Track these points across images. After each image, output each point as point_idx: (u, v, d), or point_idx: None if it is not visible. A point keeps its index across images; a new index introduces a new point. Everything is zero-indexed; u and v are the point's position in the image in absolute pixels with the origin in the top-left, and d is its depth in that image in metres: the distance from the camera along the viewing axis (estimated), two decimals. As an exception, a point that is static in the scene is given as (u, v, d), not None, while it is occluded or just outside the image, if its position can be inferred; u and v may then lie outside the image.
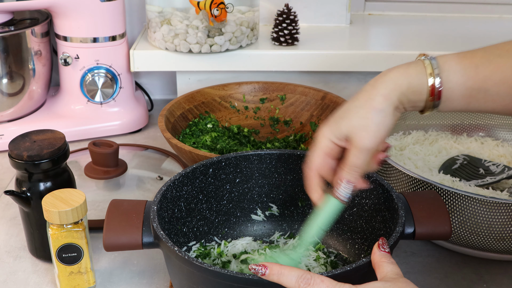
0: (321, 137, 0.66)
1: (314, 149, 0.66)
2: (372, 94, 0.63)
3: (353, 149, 0.64)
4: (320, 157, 0.66)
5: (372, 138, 0.63)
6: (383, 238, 0.61)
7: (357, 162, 0.64)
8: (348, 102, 0.65)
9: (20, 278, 0.82)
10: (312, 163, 0.67)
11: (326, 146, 0.66)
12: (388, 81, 0.63)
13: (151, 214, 0.68)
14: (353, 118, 0.63)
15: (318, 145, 0.66)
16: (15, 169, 0.79)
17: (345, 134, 0.64)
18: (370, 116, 0.63)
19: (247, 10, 1.20)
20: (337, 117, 0.65)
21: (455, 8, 1.46)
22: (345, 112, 0.65)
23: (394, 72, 0.64)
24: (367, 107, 0.63)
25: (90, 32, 1.13)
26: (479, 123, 1.06)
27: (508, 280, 0.82)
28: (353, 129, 0.63)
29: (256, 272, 0.57)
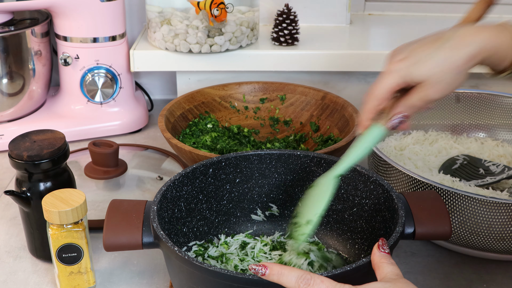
0: (391, 73, 0.65)
1: (381, 82, 0.66)
2: (458, 50, 0.62)
3: (420, 94, 0.64)
4: (385, 91, 0.66)
5: (444, 92, 0.64)
6: (383, 239, 0.61)
7: (419, 105, 0.65)
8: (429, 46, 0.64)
9: (20, 278, 0.82)
10: (376, 95, 0.66)
11: (394, 83, 0.65)
12: (478, 41, 0.62)
13: (151, 214, 0.68)
14: (433, 68, 0.63)
15: (386, 80, 0.65)
16: (15, 169, 0.79)
17: (417, 81, 0.64)
18: (450, 74, 0.63)
19: (247, 10, 1.20)
20: (414, 60, 0.64)
21: (455, 8, 1.46)
22: (425, 59, 0.63)
23: (487, 32, 0.63)
24: (449, 64, 0.63)
25: (90, 32, 1.13)
26: (479, 123, 1.06)
27: (508, 280, 0.82)
28: (428, 79, 0.63)
29: (256, 272, 0.57)
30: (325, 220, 0.83)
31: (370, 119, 0.68)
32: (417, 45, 0.65)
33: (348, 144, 0.92)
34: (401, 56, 0.65)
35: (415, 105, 0.65)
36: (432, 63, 0.63)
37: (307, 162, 0.81)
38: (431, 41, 0.64)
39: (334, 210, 0.82)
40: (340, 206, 0.81)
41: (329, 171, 0.71)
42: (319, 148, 1.04)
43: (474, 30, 0.63)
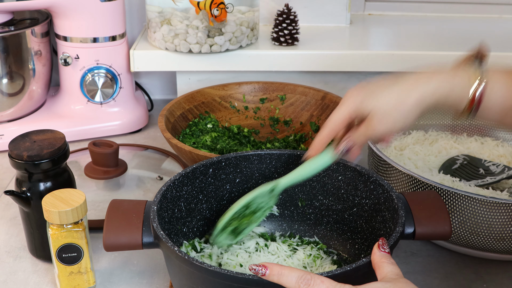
0: (349, 100, 0.68)
1: (340, 108, 0.69)
2: (410, 89, 0.65)
3: (366, 124, 0.67)
4: (343, 116, 0.69)
5: (387, 127, 0.66)
6: (383, 239, 0.61)
7: (364, 136, 0.68)
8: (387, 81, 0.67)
9: (20, 278, 0.82)
10: (334, 119, 0.70)
11: (351, 108, 0.68)
12: (431, 83, 0.65)
13: (151, 214, 0.68)
14: (383, 101, 0.66)
15: (345, 105, 0.69)
16: (15, 169, 0.79)
17: (368, 110, 0.67)
18: (400, 108, 0.65)
19: (247, 10, 1.20)
20: (370, 90, 0.67)
21: (455, 8, 1.46)
22: (379, 90, 0.67)
23: (440, 77, 0.65)
24: (400, 99, 0.65)
25: (90, 32, 1.13)
26: (479, 123, 1.06)
27: (508, 280, 0.82)
28: (377, 111, 0.66)
29: (256, 272, 0.57)
30: (325, 220, 0.83)
31: (323, 145, 0.72)
32: (375, 83, 0.68)
33: (348, 144, 0.92)
34: (358, 89, 0.69)
35: (361, 134, 0.69)
36: (382, 96, 0.66)
37: (307, 162, 0.81)
38: (388, 81, 0.68)
39: (334, 210, 0.82)
40: (340, 206, 0.81)
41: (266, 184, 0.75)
42: (319, 148, 1.04)
43: (429, 75, 0.66)
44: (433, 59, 1.20)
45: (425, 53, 1.20)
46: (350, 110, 0.69)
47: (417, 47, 1.24)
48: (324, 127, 0.71)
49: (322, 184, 0.81)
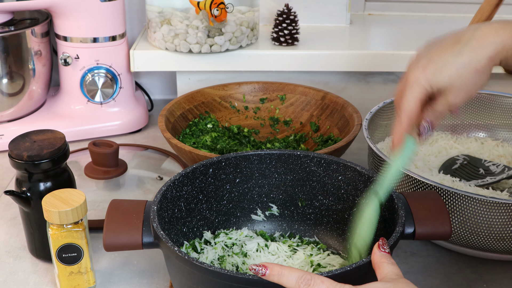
0: (416, 84, 0.65)
1: (409, 96, 0.65)
2: (478, 54, 0.62)
3: (444, 100, 0.65)
4: (415, 104, 0.65)
5: (466, 96, 0.64)
6: (383, 239, 0.61)
7: (444, 110, 0.65)
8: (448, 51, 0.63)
9: (20, 278, 0.82)
10: (407, 110, 0.66)
11: (421, 93, 0.65)
12: (497, 42, 0.62)
13: (151, 214, 0.68)
14: (454, 74, 0.63)
15: (413, 92, 0.65)
16: (15, 169, 0.79)
17: (441, 87, 0.64)
18: (472, 78, 0.63)
19: (247, 10, 1.20)
20: (435, 67, 0.64)
21: (455, 8, 1.46)
22: (445, 65, 0.63)
23: (506, 30, 0.62)
24: (471, 69, 0.62)
25: (90, 32, 1.13)
26: (479, 123, 1.06)
27: (508, 280, 0.82)
28: (451, 86, 0.63)
29: (256, 272, 0.57)
30: (325, 220, 0.83)
31: (403, 135, 0.67)
32: (436, 50, 0.65)
33: (348, 144, 0.92)
34: (422, 64, 0.65)
35: (439, 111, 0.66)
36: (452, 69, 0.63)
37: (307, 162, 0.81)
38: (450, 44, 0.64)
39: (334, 210, 0.82)
40: (340, 206, 0.81)
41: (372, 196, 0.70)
42: (319, 148, 1.04)
43: (493, 30, 0.62)
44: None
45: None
46: (422, 93, 0.65)
47: (417, 47, 1.24)
48: (401, 115, 0.66)
49: (322, 184, 0.81)
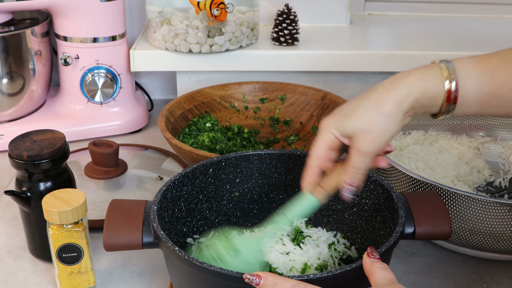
0: (324, 130, 0.65)
1: (317, 141, 0.66)
2: (383, 98, 0.62)
3: (355, 151, 0.63)
4: (322, 149, 0.66)
5: (376, 143, 0.62)
6: (370, 247, 0.61)
7: (359, 164, 0.64)
8: (357, 100, 0.64)
9: (20, 278, 0.82)
10: (314, 154, 0.67)
11: (328, 139, 0.65)
12: (402, 86, 0.62)
13: (151, 214, 0.68)
14: (359, 119, 0.62)
15: (320, 137, 0.66)
16: (15, 169, 0.79)
17: (349, 134, 0.63)
18: (377, 121, 0.62)
19: (247, 10, 1.20)
20: (343, 114, 0.64)
21: (455, 8, 1.46)
22: (352, 111, 0.63)
23: (410, 77, 0.63)
24: (376, 111, 0.62)
25: (90, 32, 1.13)
26: (479, 123, 1.06)
27: (508, 280, 0.82)
28: (358, 130, 0.62)
29: (251, 281, 0.57)
30: (325, 220, 0.83)
31: (312, 183, 0.68)
32: (348, 102, 0.65)
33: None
34: (334, 113, 0.65)
35: (356, 165, 0.64)
36: (358, 113, 0.63)
37: (307, 162, 0.81)
38: (361, 95, 0.64)
39: (334, 210, 0.82)
40: (340, 206, 0.81)
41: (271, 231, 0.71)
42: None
43: (399, 77, 0.63)
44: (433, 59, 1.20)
45: (425, 53, 1.20)
46: (328, 141, 0.65)
47: (417, 47, 1.24)
48: (309, 161, 0.67)
49: (322, 184, 0.81)
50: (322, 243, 0.77)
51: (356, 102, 0.64)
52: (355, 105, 0.64)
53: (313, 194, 0.68)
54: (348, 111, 0.64)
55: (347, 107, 0.64)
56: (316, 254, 0.74)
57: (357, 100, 0.64)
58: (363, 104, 0.63)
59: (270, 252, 0.74)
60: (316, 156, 0.66)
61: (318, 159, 0.66)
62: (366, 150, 0.63)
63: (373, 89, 0.64)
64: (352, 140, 0.63)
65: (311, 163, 0.67)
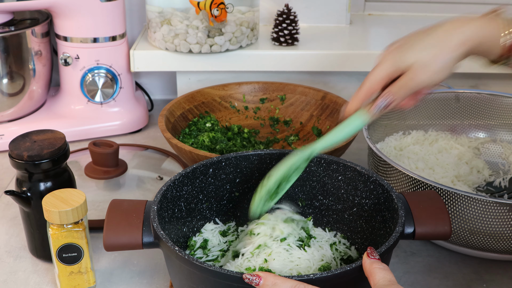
0: (384, 60, 0.67)
1: (374, 70, 0.67)
2: (450, 35, 0.64)
3: (408, 79, 0.65)
4: (379, 77, 0.67)
5: (433, 77, 0.64)
6: (370, 247, 0.61)
7: (401, 93, 0.66)
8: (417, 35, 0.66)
9: (20, 278, 0.82)
10: (368, 82, 0.68)
11: (387, 69, 0.66)
12: (467, 30, 0.65)
13: (151, 214, 0.68)
14: (423, 51, 0.64)
15: (380, 66, 0.67)
16: (15, 169, 0.79)
17: (409, 64, 0.65)
18: (440, 56, 0.64)
19: (247, 10, 1.20)
20: (405, 45, 0.66)
21: (455, 8, 1.46)
22: (415, 43, 0.65)
23: (474, 22, 0.65)
24: (440, 46, 0.64)
25: (90, 32, 1.13)
26: (479, 123, 1.06)
27: (508, 280, 0.82)
28: (418, 62, 0.64)
29: (251, 281, 0.57)
30: (325, 220, 0.83)
31: (359, 104, 0.69)
32: (409, 35, 0.67)
33: (348, 144, 0.92)
34: (395, 45, 0.67)
35: (401, 86, 0.66)
36: (420, 47, 0.65)
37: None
38: (423, 31, 0.66)
39: (334, 210, 0.82)
40: (340, 206, 0.81)
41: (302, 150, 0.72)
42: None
43: (464, 21, 0.66)
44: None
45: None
46: (389, 67, 0.66)
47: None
48: (362, 85, 0.68)
49: (322, 184, 0.81)
50: (325, 244, 0.77)
51: (417, 37, 0.66)
52: (417, 40, 0.65)
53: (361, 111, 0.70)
54: (410, 43, 0.66)
55: (408, 40, 0.66)
56: (320, 256, 0.74)
57: (418, 36, 0.66)
58: (426, 39, 0.65)
59: (275, 260, 0.73)
60: (372, 82, 0.67)
61: (373, 85, 0.67)
62: (419, 81, 0.64)
63: (433, 28, 0.66)
64: (410, 69, 0.65)
65: (363, 88, 0.68)
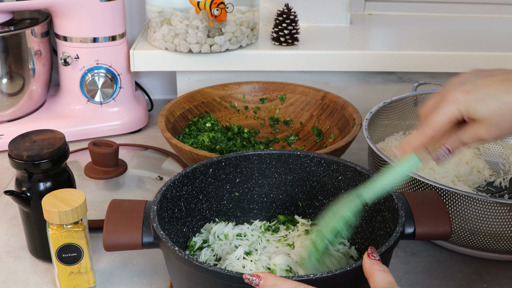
0: (454, 104, 0.62)
1: (441, 112, 0.63)
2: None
3: (472, 132, 0.62)
4: (443, 122, 0.63)
5: (496, 136, 0.61)
6: (371, 247, 0.61)
7: (468, 141, 0.63)
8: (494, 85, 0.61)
9: (20, 278, 0.82)
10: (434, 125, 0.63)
11: (453, 115, 0.62)
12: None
13: (151, 214, 0.68)
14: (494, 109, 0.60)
15: (447, 111, 0.62)
16: (15, 169, 0.79)
17: (482, 117, 0.61)
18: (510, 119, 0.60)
19: (247, 10, 1.20)
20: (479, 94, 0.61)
21: (455, 8, 1.46)
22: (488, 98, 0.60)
23: None
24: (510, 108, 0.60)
25: (90, 32, 1.13)
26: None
27: (508, 280, 0.82)
28: (486, 119, 0.60)
29: (251, 282, 0.57)
30: (325, 220, 0.83)
31: (418, 148, 0.65)
32: (484, 80, 0.62)
33: (348, 144, 0.92)
34: (466, 88, 0.62)
35: (464, 141, 0.63)
36: (495, 104, 0.60)
37: (307, 162, 0.81)
38: (499, 81, 0.61)
39: (334, 210, 0.82)
40: (340, 206, 0.81)
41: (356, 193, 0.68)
42: (318, 143, 1.04)
43: None
44: (433, 59, 1.20)
45: (425, 53, 1.20)
46: (457, 113, 0.62)
47: (417, 47, 1.24)
48: (426, 127, 0.64)
49: (322, 184, 0.81)
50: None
51: (495, 88, 0.61)
52: (494, 92, 0.61)
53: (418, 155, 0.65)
54: (484, 96, 0.61)
55: (483, 89, 0.61)
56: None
57: (497, 86, 0.61)
58: (503, 97, 0.60)
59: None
60: (435, 127, 0.63)
61: (436, 130, 0.63)
62: (485, 138, 0.61)
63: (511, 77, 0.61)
64: (475, 123, 0.61)
65: (428, 132, 0.64)
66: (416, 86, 1.09)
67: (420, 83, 1.11)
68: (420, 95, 1.05)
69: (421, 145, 0.65)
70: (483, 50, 1.22)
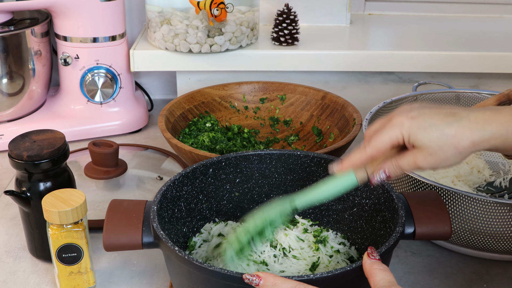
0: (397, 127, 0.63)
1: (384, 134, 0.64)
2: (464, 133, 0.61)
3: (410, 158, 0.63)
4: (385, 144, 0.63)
5: (434, 165, 0.62)
6: (371, 247, 0.61)
7: (406, 168, 0.63)
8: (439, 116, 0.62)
9: (20, 278, 0.82)
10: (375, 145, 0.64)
11: (396, 139, 0.63)
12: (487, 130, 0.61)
13: (151, 214, 0.68)
14: (433, 140, 0.61)
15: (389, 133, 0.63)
16: (15, 169, 0.79)
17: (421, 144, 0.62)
18: (447, 151, 0.61)
19: (247, 10, 1.20)
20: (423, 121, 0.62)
21: (455, 8, 1.46)
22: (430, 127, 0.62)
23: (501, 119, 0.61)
24: (450, 141, 0.61)
25: (90, 32, 1.13)
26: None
27: (508, 280, 0.82)
28: (425, 148, 0.61)
29: (251, 282, 0.57)
30: (325, 220, 0.83)
31: (357, 166, 0.66)
32: (430, 111, 0.63)
33: (348, 144, 0.92)
34: (412, 114, 0.63)
35: (401, 167, 0.64)
36: (435, 134, 0.61)
37: (307, 162, 0.81)
38: (444, 113, 0.62)
39: (334, 210, 0.82)
40: (340, 206, 0.81)
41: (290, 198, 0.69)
42: (318, 143, 1.04)
43: (489, 116, 0.61)
44: (433, 59, 1.20)
45: (425, 53, 1.20)
46: (399, 136, 0.63)
47: (417, 47, 1.24)
48: (367, 146, 0.65)
49: (322, 184, 0.81)
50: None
51: (439, 119, 0.62)
52: (436, 123, 0.62)
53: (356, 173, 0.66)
54: (428, 124, 0.62)
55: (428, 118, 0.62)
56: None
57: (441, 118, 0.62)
58: (444, 129, 0.61)
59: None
60: (376, 147, 0.64)
61: (377, 150, 0.64)
62: (422, 166, 0.62)
63: (462, 114, 0.62)
64: (415, 150, 0.62)
65: (368, 151, 0.64)
66: (416, 86, 1.09)
67: (420, 83, 1.11)
68: (420, 95, 1.05)
69: (360, 163, 0.66)
70: (483, 50, 1.22)
